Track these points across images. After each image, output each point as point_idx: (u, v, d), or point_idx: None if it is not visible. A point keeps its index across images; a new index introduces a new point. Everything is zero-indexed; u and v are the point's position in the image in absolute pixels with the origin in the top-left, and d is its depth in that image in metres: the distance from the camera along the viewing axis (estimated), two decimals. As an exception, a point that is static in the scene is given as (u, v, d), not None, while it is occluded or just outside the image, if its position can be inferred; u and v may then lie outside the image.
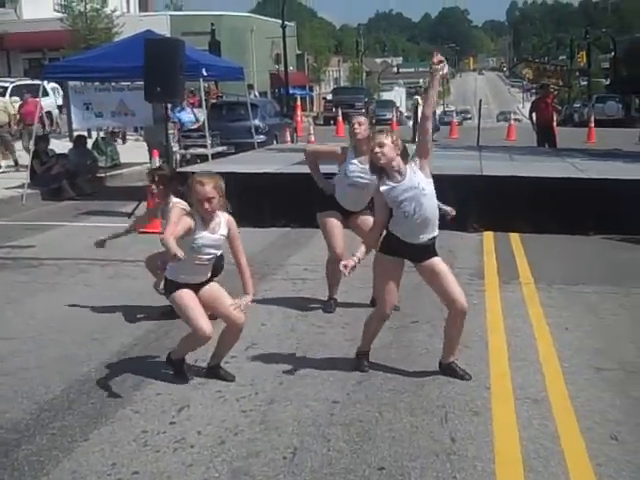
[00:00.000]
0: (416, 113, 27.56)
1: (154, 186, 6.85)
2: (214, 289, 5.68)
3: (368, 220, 6.87)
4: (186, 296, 5.53)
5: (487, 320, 7.21)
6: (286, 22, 45.11)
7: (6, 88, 25.46)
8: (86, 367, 6.06)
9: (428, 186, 5.56)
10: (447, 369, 5.85)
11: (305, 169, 8.06)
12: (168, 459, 4.56)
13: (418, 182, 5.50)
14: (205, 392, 5.52)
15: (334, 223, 7.42)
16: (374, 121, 42.56)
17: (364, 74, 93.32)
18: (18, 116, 20.59)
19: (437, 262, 5.70)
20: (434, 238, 5.67)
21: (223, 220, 5.52)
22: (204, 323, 5.44)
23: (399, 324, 7.08)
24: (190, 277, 5.56)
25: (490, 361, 6.14)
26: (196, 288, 5.61)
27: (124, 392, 5.54)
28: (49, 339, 6.74)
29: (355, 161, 7.19)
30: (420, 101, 26.80)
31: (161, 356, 6.05)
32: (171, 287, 5.61)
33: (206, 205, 5.34)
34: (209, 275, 5.70)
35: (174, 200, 6.42)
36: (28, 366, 6.07)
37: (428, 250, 5.67)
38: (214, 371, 5.80)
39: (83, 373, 5.93)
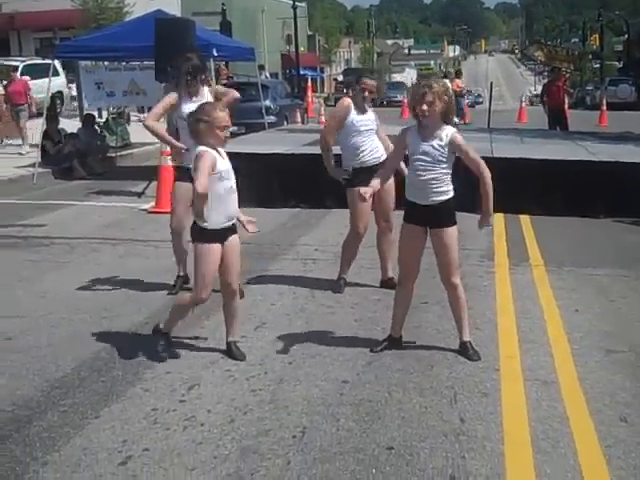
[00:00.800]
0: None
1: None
2: (233, 256, 5.64)
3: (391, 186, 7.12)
4: (213, 257, 5.53)
5: (497, 302, 7.21)
6: (297, 3, 45.02)
7: (17, 67, 25.45)
8: (96, 345, 6.09)
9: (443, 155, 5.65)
10: (460, 347, 5.89)
11: (316, 150, 8.04)
12: (178, 437, 4.58)
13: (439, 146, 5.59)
14: (215, 371, 5.54)
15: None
16: (385, 102, 42.38)
17: (375, 55, 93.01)
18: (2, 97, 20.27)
19: (446, 233, 5.77)
20: (446, 202, 5.70)
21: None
22: (208, 291, 5.54)
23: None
24: (220, 216, 5.53)
25: (500, 343, 6.14)
26: (223, 237, 5.57)
27: (134, 370, 5.56)
28: (60, 318, 6.76)
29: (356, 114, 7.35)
30: (449, 84, 26.46)
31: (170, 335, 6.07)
32: (200, 236, 5.56)
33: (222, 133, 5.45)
34: (236, 213, 5.63)
35: None
36: (39, 344, 6.10)
37: (439, 214, 5.71)
38: (228, 347, 5.83)
39: (93, 351, 5.95)
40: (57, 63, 20.42)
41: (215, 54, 15.49)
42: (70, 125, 19.08)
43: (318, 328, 6.50)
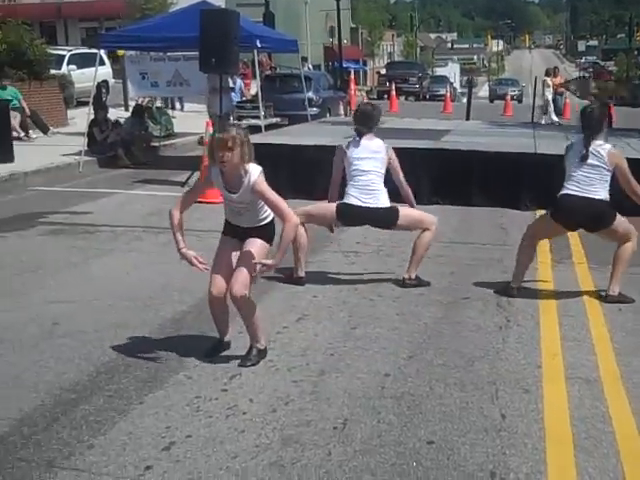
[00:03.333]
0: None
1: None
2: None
3: None
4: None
5: (539, 299, 7.18)
6: (341, -5, 44.82)
7: (63, 56, 25.73)
8: (140, 332, 6.17)
9: None
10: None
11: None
12: (220, 425, 4.64)
13: None
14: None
15: None
16: (427, 96, 42.25)
17: (418, 49, 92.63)
18: None
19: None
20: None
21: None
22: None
23: (450, 299, 7.10)
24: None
25: (541, 340, 6.12)
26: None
27: (177, 358, 5.63)
28: (105, 304, 6.86)
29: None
30: (549, 81, 26.17)
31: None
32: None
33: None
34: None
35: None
36: (86, 329, 6.19)
37: None
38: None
39: (138, 338, 6.04)
40: (103, 52, 20.53)
41: (259, 45, 15.56)
42: (114, 114, 19.27)
43: (360, 321, 6.52)
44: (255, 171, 5.25)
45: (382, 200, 7.21)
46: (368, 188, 7.21)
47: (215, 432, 4.54)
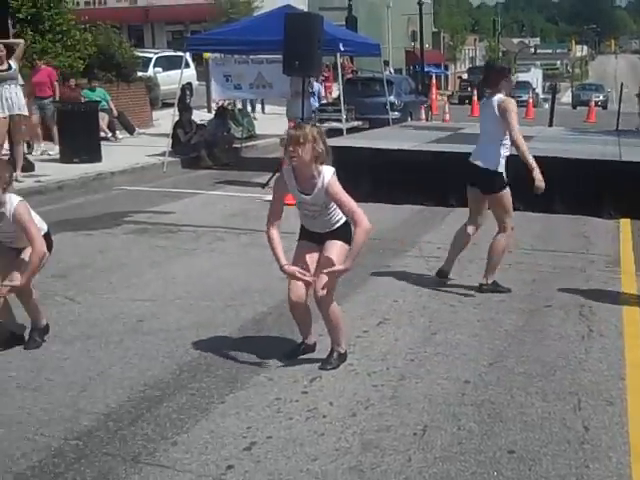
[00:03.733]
0: None
1: None
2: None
3: None
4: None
5: (623, 309, 7.04)
6: (423, -1, 44.68)
7: (150, 59, 26.23)
8: (222, 332, 6.26)
9: None
10: None
11: (441, 147, 8.03)
12: (300, 427, 4.67)
13: None
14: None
15: None
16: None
17: (500, 54, 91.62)
18: (27, 88, 15.33)
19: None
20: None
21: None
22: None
23: (532, 307, 7.02)
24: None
25: (626, 351, 6.00)
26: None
27: (258, 359, 5.68)
28: (187, 304, 6.97)
29: None
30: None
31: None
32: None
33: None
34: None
35: None
36: (169, 328, 6.31)
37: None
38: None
39: (219, 338, 6.12)
40: (188, 55, 20.87)
41: (342, 49, 15.61)
42: (198, 116, 19.55)
43: (440, 326, 6.49)
44: (328, 172, 5.25)
45: None
46: None
47: (295, 434, 4.58)
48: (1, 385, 5.20)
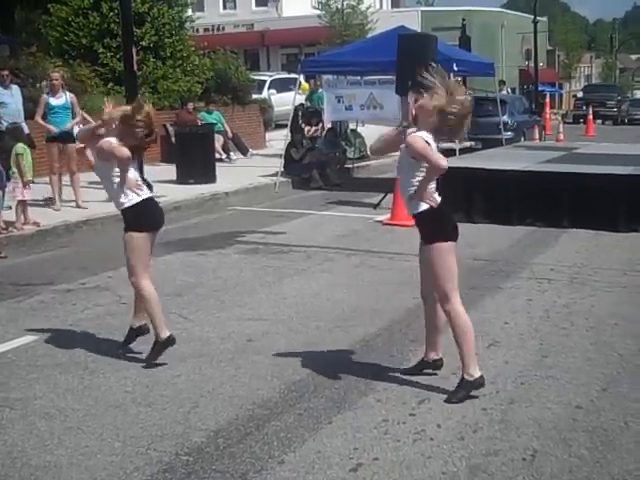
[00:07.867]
0: None
1: None
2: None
3: None
4: None
5: None
6: (538, 17, 43.98)
7: (265, 81, 26.72)
8: (330, 353, 6.29)
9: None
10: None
11: (555, 168, 7.87)
12: (407, 449, 4.64)
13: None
14: (446, 386, 5.54)
15: None
16: (626, 120, 40.61)
17: (617, 71, 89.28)
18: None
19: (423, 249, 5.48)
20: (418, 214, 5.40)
21: None
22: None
23: (649, 333, 6.80)
24: None
25: None
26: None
27: (366, 380, 5.68)
28: (297, 324, 7.04)
29: None
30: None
31: (404, 347, 6.16)
32: None
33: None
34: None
35: None
36: (278, 347, 6.38)
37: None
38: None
39: (328, 358, 6.15)
40: (302, 77, 21.16)
41: (455, 69, 15.51)
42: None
43: (552, 350, 6.36)
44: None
45: None
46: None
47: (402, 456, 4.56)
48: (118, 400, 5.37)
